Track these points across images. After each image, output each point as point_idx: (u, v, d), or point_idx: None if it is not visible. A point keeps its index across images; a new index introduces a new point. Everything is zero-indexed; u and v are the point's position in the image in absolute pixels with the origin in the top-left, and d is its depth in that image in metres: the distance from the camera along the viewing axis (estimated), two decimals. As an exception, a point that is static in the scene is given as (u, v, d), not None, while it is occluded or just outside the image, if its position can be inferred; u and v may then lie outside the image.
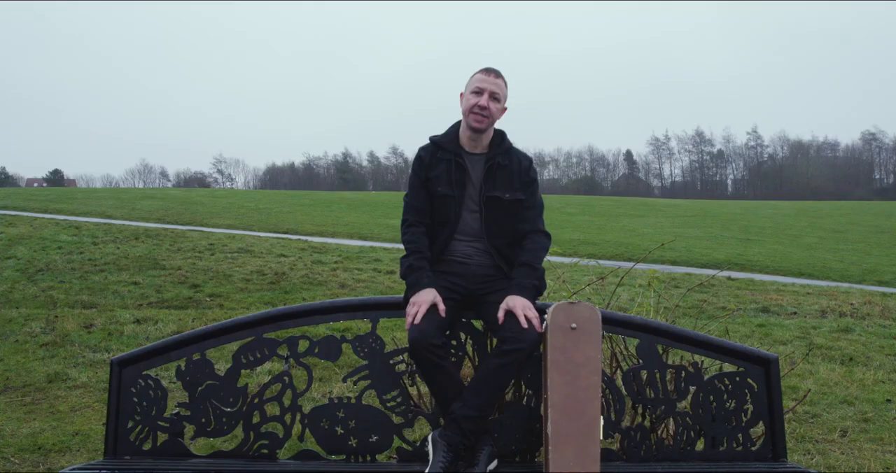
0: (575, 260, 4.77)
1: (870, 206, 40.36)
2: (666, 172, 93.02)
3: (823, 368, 5.00)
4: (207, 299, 8.13)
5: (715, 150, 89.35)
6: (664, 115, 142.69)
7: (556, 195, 50.24)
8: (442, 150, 2.31)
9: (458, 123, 2.35)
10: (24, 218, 17.94)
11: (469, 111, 2.24)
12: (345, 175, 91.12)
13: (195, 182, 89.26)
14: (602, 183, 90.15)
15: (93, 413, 3.90)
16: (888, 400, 4.17)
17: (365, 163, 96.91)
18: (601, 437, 1.86)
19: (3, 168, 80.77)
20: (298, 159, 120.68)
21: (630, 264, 4.37)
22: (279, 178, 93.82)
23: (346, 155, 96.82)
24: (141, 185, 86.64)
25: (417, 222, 2.29)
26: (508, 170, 2.30)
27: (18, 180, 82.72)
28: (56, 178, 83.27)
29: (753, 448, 2.23)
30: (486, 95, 2.23)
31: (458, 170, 2.28)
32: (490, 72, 2.28)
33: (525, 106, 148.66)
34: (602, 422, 1.89)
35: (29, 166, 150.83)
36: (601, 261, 13.84)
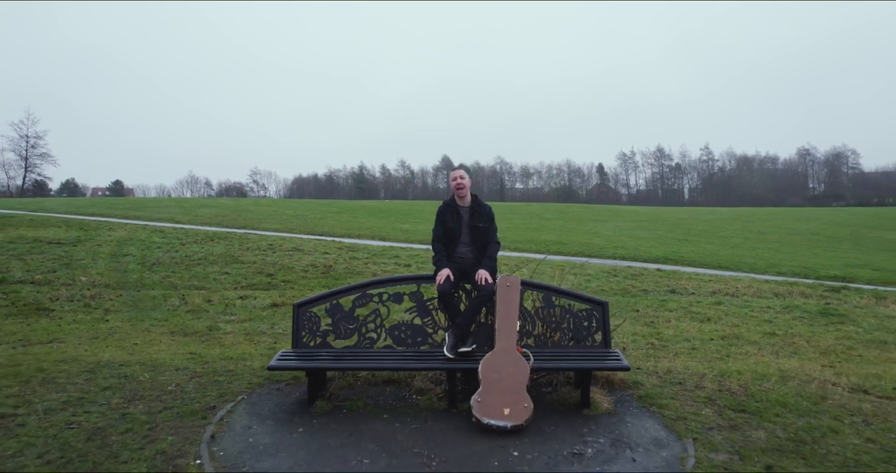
0: (525, 255, 6.59)
1: (795, 212, 42.13)
2: (632, 182, 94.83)
3: (685, 324, 6.85)
4: (282, 283, 9.95)
5: (673, 164, 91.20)
6: (630, 134, 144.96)
7: (538, 203, 51.87)
8: (448, 206, 4.16)
9: (454, 194, 4.21)
10: (116, 223, 19.66)
11: (455, 189, 4.10)
12: (360, 185, 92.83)
13: (234, 191, 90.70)
14: (578, 191, 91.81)
15: (246, 345, 5.74)
16: (711, 339, 6.04)
17: (377, 174, 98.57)
18: (517, 330, 3.72)
19: (73, 179, 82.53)
20: (321, 171, 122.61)
21: (584, 259, 6.19)
22: (305, 188, 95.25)
23: (361, 167, 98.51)
24: (189, 193, 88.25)
25: (439, 240, 4.13)
26: (480, 212, 4.16)
27: (85, 190, 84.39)
28: (117, 188, 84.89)
29: (596, 344, 4.09)
30: (458, 179, 4.10)
31: (456, 215, 4.13)
32: (457, 168, 4.16)
33: (514, 126, 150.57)
34: (519, 324, 3.75)
35: (94, 177, 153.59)
36: (569, 257, 15.45)
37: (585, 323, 4.11)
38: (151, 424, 3.41)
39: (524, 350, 3.61)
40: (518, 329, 3.73)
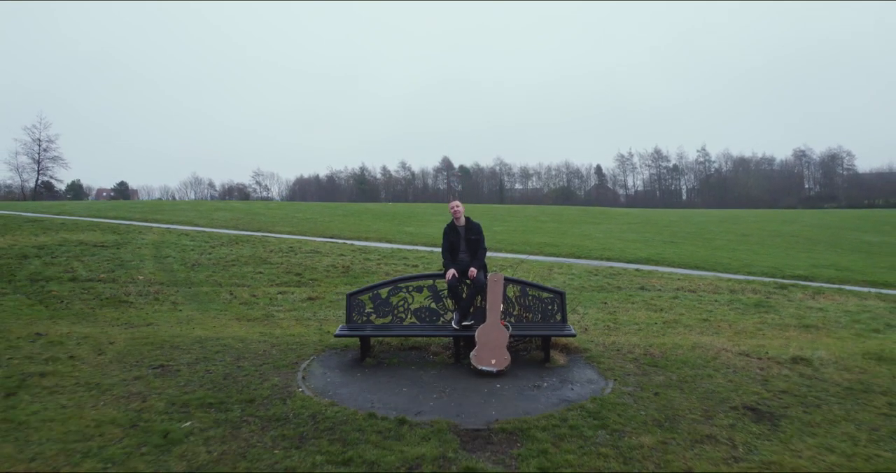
0: (518, 256, 8.35)
1: (781, 214, 43.92)
2: (630, 183, 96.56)
3: (640, 313, 8.67)
4: (310, 281, 11.73)
5: (671, 165, 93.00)
6: (628, 135, 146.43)
7: (535, 205, 53.59)
8: (450, 227, 5.97)
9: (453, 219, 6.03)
10: (143, 227, 21.33)
11: (453, 215, 5.93)
12: (362, 186, 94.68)
13: (237, 191, 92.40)
14: (577, 192, 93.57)
15: (299, 328, 7.54)
16: (655, 323, 7.85)
17: (378, 175, 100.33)
18: (501, 310, 5.54)
19: (79, 180, 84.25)
20: (322, 171, 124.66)
21: (573, 260, 7.97)
22: (307, 188, 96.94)
23: (362, 168, 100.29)
24: (193, 195, 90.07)
25: (447, 250, 5.95)
26: (472, 229, 5.97)
27: (90, 191, 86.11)
28: (121, 189, 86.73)
29: (557, 321, 5.92)
30: (454, 208, 5.92)
31: (456, 233, 5.95)
32: (453, 199, 5.99)
33: (513, 126, 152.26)
34: (503, 307, 5.58)
35: (99, 179, 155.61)
36: (559, 258, 17.13)
37: (550, 307, 5.94)
38: (260, 372, 5.24)
39: (505, 323, 5.44)
40: (502, 310, 5.56)
